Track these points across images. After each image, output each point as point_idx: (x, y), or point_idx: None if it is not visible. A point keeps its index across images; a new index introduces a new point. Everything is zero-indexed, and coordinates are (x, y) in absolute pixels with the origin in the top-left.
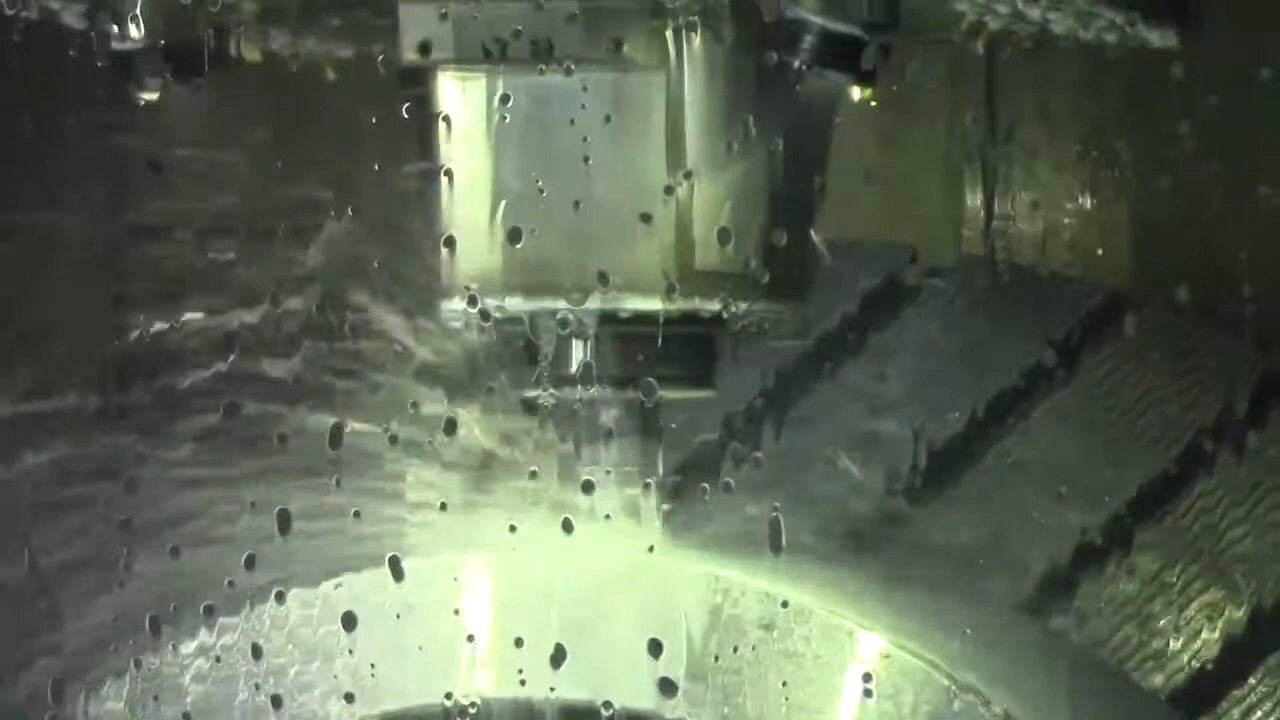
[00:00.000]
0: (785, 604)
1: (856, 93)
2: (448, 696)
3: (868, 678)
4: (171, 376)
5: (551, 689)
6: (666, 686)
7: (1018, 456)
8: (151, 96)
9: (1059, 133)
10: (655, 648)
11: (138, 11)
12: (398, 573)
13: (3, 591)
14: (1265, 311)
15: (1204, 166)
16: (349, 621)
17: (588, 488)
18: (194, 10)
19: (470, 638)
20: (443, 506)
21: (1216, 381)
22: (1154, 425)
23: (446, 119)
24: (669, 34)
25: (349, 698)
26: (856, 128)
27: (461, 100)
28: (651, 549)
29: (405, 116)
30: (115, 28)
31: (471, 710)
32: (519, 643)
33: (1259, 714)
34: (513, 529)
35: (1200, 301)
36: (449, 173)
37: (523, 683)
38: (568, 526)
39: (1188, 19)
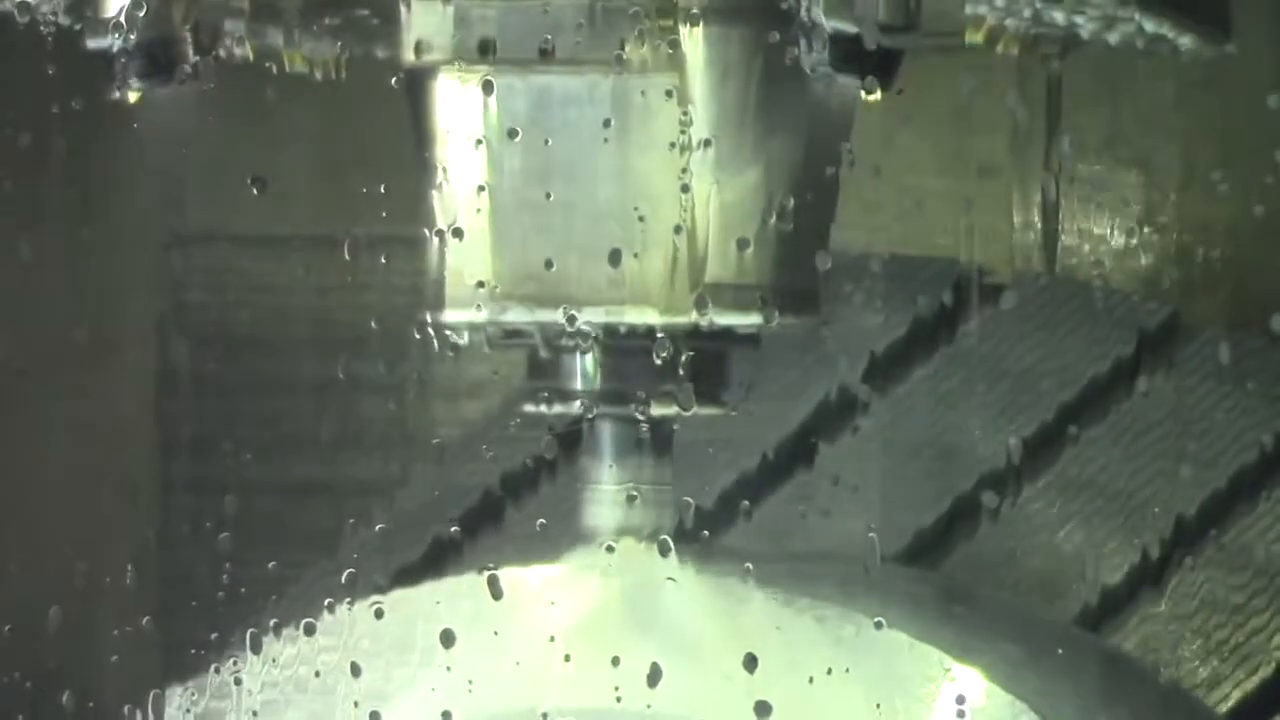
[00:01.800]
0: (880, 624)
1: (875, 97)
2: (544, 716)
3: (960, 699)
4: None
5: (649, 706)
6: (762, 709)
7: (1079, 473)
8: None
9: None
10: (750, 662)
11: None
12: (496, 591)
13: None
14: None
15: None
16: (447, 638)
17: (684, 507)
18: (180, 7)
19: (567, 657)
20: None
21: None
22: (1217, 442)
23: (446, 122)
24: (678, 35)
25: (446, 715)
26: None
27: (462, 102)
28: (749, 568)
29: (403, 119)
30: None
31: None
32: (615, 661)
33: None
34: (610, 549)
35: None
36: (448, 178)
37: (619, 699)
38: (664, 549)
39: (1226, 23)
